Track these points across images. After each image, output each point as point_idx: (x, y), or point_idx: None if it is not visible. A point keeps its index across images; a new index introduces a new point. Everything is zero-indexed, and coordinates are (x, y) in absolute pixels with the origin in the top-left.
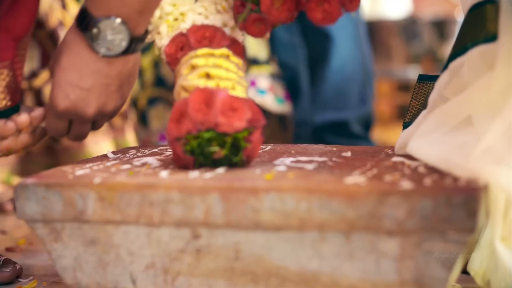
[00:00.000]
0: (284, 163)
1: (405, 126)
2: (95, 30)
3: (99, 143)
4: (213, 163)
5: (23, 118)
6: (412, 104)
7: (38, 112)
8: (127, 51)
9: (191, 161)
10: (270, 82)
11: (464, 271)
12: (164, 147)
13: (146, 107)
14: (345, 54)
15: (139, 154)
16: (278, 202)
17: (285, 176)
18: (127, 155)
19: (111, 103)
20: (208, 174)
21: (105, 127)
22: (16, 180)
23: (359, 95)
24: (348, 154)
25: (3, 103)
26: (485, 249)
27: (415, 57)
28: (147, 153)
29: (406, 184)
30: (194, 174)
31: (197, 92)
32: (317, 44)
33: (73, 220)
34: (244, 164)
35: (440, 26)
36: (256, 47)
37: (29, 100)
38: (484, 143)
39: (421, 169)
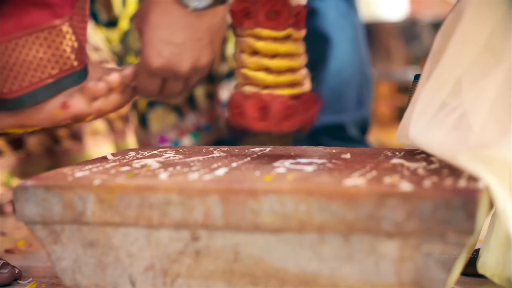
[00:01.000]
0: (283, 165)
1: None
2: None
3: (100, 145)
4: None
5: (114, 77)
6: (409, 102)
7: (129, 70)
8: (216, 2)
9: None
10: None
11: (464, 273)
12: (164, 149)
13: (146, 110)
14: (343, 57)
15: (139, 156)
16: (277, 204)
17: (285, 178)
18: (127, 157)
19: (204, 57)
20: (208, 176)
21: (105, 130)
22: (15, 181)
23: (357, 98)
24: (348, 156)
25: (68, 63)
26: (498, 249)
27: (415, 58)
28: (147, 155)
29: (405, 186)
30: (193, 176)
31: (253, 102)
32: (315, 46)
33: (73, 222)
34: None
35: (440, 28)
36: None
37: None
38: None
39: (420, 171)
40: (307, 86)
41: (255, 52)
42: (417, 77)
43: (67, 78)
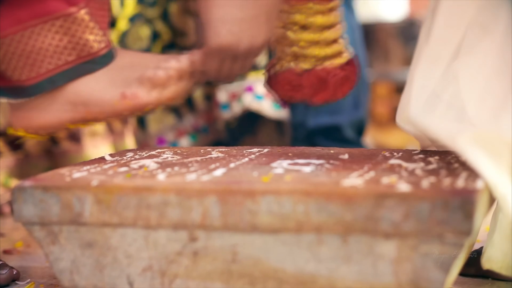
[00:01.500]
0: (281, 165)
1: None
2: None
3: (98, 147)
4: None
5: (172, 64)
6: None
7: (197, 55)
8: None
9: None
10: None
11: (462, 274)
12: (162, 150)
13: None
14: None
15: (137, 156)
16: (275, 204)
17: (283, 178)
18: (125, 157)
19: (261, 36)
20: (206, 177)
21: (104, 131)
22: (14, 182)
23: (353, 100)
24: (346, 156)
25: (86, 50)
26: (504, 241)
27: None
28: (145, 155)
29: (403, 187)
30: (191, 176)
31: (310, 77)
32: None
33: (70, 222)
34: None
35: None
36: None
37: None
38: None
39: (418, 172)
40: (348, 52)
41: (303, 28)
42: None
43: (86, 64)
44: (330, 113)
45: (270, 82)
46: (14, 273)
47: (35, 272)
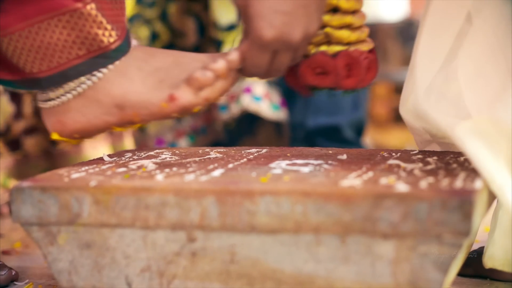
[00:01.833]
0: (280, 166)
1: None
2: None
3: (97, 148)
4: None
5: (220, 64)
6: None
7: (235, 54)
8: None
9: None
10: (265, 88)
11: (460, 274)
12: (160, 150)
13: None
14: None
15: (135, 157)
16: (273, 205)
17: (281, 179)
18: (123, 158)
19: (313, 25)
20: (204, 177)
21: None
22: (12, 183)
23: (352, 100)
24: (344, 157)
25: (95, 44)
26: (506, 238)
27: None
28: (143, 156)
29: (402, 187)
30: (189, 177)
31: (342, 60)
32: None
33: (69, 223)
34: None
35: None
36: None
37: (27, 105)
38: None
39: (417, 172)
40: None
41: (334, 10)
42: None
43: (98, 59)
44: (329, 114)
45: (298, 68)
46: (13, 273)
47: (33, 272)
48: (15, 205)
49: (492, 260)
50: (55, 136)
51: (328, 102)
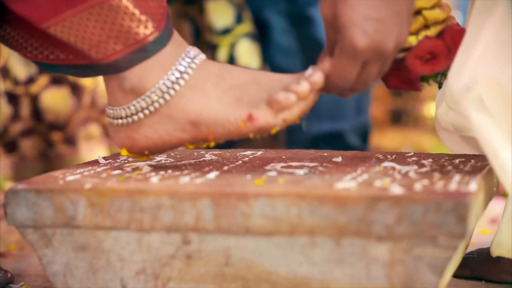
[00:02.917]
0: (275, 168)
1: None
2: None
3: (94, 151)
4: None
5: (304, 87)
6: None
7: (318, 76)
8: None
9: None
10: None
11: (455, 276)
12: None
13: None
14: None
15: (130, 159)
16: (268, 207)
17: (276, 181)
18: (118, 160)
19: (404, 33)
20: (199, 180)
21: (100, 134)
22: (9, 185)
23: (356, 105)
24: (339, 159)
25: (131, 38)
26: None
27: None
28: None
29: (396, 190)
30: (184, 179)
31: (444, 41)
32: (313, 54)
33: (64, 225)
34: None
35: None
36: (247, 57)
37: (25, 107)
38: None
39: (412, 174)
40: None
41: None
42: None
43: (137, 53)
44: (332, 120)
45: (402, 65)
46: (9, 276)
47: (29, 275)
48: (10, 208)
49: (500, 248)
50: (124, 153)
51: (331, 107)
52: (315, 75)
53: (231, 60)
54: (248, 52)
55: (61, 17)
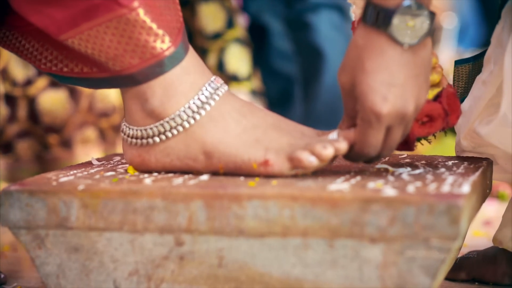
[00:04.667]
0: None
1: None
2: (395, 21)
3: (90, 154)
4: None
5: (328, 152)
6: (455, 86)
7: (344, 145)
8: (427, 34)
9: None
10: (249, 99)
11: (448, 278)
12: None
13: None
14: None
15: (123, 161)
16: (261, 209)
17: (269, 183)
18: (111, 162)
19: (423, 94)
20: (192, 181)
21: (96, 138)
22: (3, 186)
23: None
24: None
25: (147, 52)
26: None
27: None
28: None
29: (389, 191)
30: (177, 181)
31: (447, 100)
32: (309, 60)
33: (57, 227)
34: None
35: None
36: (237, 62)
37: (22, 108)
38: None
39: (405, 176)
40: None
41: None
42: (457, 62)
43: (153, 68)
44: (329, 127)
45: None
46: (2, 277)
47: (22, 276)
48: (3, 209)
49: (507, 244)
50: (130, 170)
51: (327, 115)
52: (341, 144)
53: (220, 66)
54: (237, 57)
55: (79, 30)
